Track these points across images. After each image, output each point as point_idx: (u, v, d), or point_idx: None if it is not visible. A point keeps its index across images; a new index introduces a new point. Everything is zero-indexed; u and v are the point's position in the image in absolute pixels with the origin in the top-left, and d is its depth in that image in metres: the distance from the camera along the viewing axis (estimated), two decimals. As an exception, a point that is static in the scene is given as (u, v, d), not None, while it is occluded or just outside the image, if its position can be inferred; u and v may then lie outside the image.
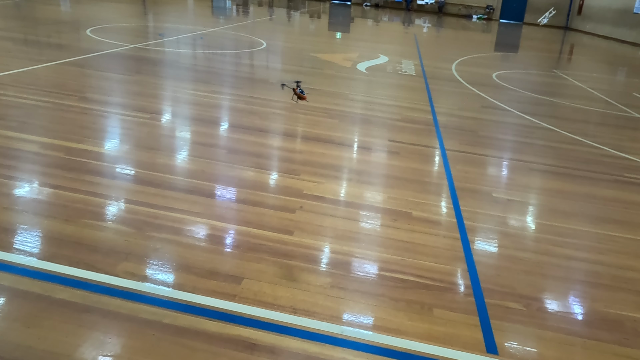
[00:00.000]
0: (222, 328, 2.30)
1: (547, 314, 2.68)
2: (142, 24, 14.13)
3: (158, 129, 5.14)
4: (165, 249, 2.91)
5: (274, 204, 3.64)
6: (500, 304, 2.72)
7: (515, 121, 6.84)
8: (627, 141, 6.30)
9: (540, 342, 2.46)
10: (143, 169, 4.04)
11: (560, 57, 16.78)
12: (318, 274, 2.81)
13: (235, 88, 7.28)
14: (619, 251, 3.44)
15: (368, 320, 2.47)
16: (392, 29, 21.56)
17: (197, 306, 2.44)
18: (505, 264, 3.18)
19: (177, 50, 10.10)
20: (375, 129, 5.93)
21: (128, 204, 3.41)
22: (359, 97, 7.45)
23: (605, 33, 25.78)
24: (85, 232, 2.99)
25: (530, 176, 4.79)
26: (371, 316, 2.50)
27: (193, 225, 3.21)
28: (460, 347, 2.34)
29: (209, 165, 4.27)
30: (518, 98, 8.50)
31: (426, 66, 11.03)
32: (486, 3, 33.28)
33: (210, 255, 2.89)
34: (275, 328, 2.34)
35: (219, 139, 5.04)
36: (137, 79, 7.20)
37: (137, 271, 2.66)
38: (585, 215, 3.99)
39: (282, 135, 5.36)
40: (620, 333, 2.58)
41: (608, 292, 2.95)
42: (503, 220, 3.77)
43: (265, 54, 10.90)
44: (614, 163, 5.35)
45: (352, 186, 4.16)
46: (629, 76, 13.04)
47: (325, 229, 3.34)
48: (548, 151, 5.61)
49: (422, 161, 4.92)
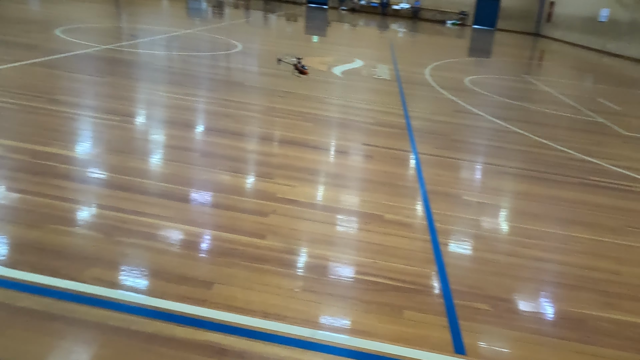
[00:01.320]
0: (192, 334, 2.27)
1: (514, 314, 2.75)
2: (114, 24, 13.86)
3: (129, 131, 5.05)
4: (135, 254, 2.85)
5: (247, 207, 3.62)
6: (469, 305, 2.77)
7: (486, 125, 6.99)
8: (592, 145, 6.52)
9: (506, 342, 2.52)
10: (113, 172, 3.96)
11: (530, 62, 17.25)
12: (290, 278, 2.81)
13: (209, 90, 7.22)
14: (583, 252, 3.56)
15: (339, 323, 2.48)
16: (368, 33, 21.77)
17: (167, 312, 2.40)
18: (475, 265, 3.24)
19: (150, 51, 9.95)
20: (350, 132, 5.98)
21: (96, 209, 3.34)
22: (334, 101, 7.49)
23: (574, 40, 26.66)
24: (51, 238, 2.91)
25: (500, 179, 4.90)
26: (342, 319, 2.52)
27: (164, 229, 3.17)
28: (429, 348, 2.38)
29: (181, 168, 4.22)
30: (490, 103, 8.70)
31: (400, 71, 11.17)
32: (460, 9, 33.97)
33: (180, 260, 2.85)
34: (246, 333, 2.32)
35: (192, 142, 4.99)
36: (109, 81, 7.06)
37: (105, 277, 2.60)
38: (552, 217, 4.11)
39: (256, 139, 5.34)
40: (583, 331, 2.67)
41: (572, 291, 3.05)
42: (473, 223, 3.84)
43: (240, 57, 10.84)
44: (580, 166, 5.53)
45: (325, 189, 4.18)
46: (595, 82, 13.51)
47: (298, 232, 3.35)
48: (518, 155, 5.76)
49: (396, 165, 4.98)
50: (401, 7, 34.77)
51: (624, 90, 12.22)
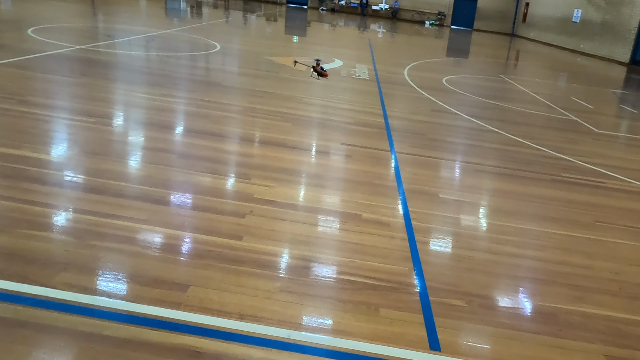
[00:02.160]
0: (166, 337, 2.25)
1: (488, 310, 2.79)
2: (89, 24, 13.60)
3: (104, 133, 4.96)
4: (108, 258, 2.81)
5: (224, 209, 3.59)
6: (444, 301, 2.81)
7: (463, 124, 7.09)
8: (565, 143, 6.67)
9: (480, 337, 2.56)
10: (86, 175, 3.89)
11: (506, 62, 17.57)
12: (267, 279, 2.80)
13: (187, 91, 7.14)
14: (555, 247, 3.64)
15: (315, 323, 2.49)
16: (348, 33, 21.85)
17: (141, 316, 2.37)
18: (450, 262, 3.29)
19: (127, 52, 9.79)
20: (329, 132, 5.99)
21: (68, 212, 3.27)
22: (313, 101, 7.50)
23: (548, 40, 27.25)
24: (20, 243, 2.84)
25: (476, 177, 4.98)
26: (319, 319, 2.52)
27: (138, 232, 3.12)
28: (404, 346, 2.40)
29: (157, 170, 4.16)
30: (466, 102, 8.82)
31: (379, 70, 11.25)
32: (438, 10, 34.37)
33: (155, 263, 2.81)
34: (222, 335, 2.31)
35: (168, 144, 4.92)
36: (83, 82, 6.92)
37: (76, 282, 2.55)
38: (526, 213, 4.19)
39: (234, 139, 5.30)
40: (555, 325, 2.73)
41: (545, 286, 3.12)
42: (449, 220, 3.89)
43: (219, 57, 10.76)
44: (553, 164, 5.66)
45: (304, 190, 4.18)
46: (569, 81, 13.83)
47: (276, 233, 3.34)
48: (493, 153, 5.86)
49: (374, 164, 5.01)
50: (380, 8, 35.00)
51: (596, 89, 12.55)
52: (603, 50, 21.54)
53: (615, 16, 20.84)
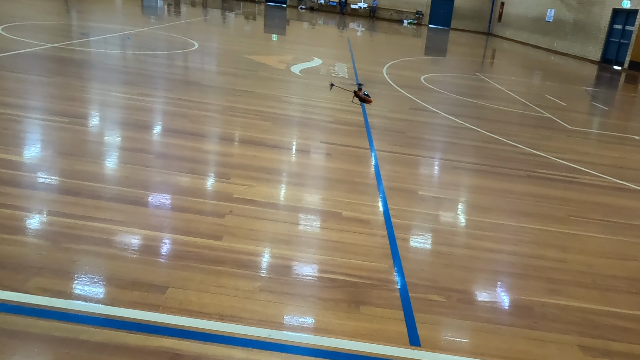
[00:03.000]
0: (144, 340, 2.21)
1: (466, 304, 2.84)
2: (63, 22, 13.27)
3: (78, 133, 4.85)
4: (84, 261, 2.75)
5: (203, 209, 3.56)
6: (424, 297, 2.84)
7: (441, 122, 7.18)
8: (540, 139, 6.82)
9: (459, 331, 2.60)
10: (60, 176, 3.80)
11: (483, 61, 17.86)
12: (247, 279, 2.78)
13: (165, 90, 7.04)
14: (530, 241, 3.72)
15: (296, 321, 2.49)
16: (327, 32, 21.86)
17: (118, 319, 2.33)
18: (429, 258, 3.33)
19: (103, 50, 9.59)
20: (308, 131, 5.99)
21: (42, 215, 3.19)
22: (292, 100, 7.48)
23: (523, 39, 27.80)
24: (-8, 247, 2.76)
25: (454, 174, 5.05)
26: (299, 317, 2.52)
27: (115, 234, 3.07)
28: (385, 342, 2.42)
29: (134, 171, 4.09)
30: (444, 100, 8.94)
31: (359, 69, 11.29)
32: (416, 9, 34.70)
33: (133, 266, 2.77)
34: (201, 336, 2.29)
35: (145, 144, 4.85)
36: (56, 81, 6.75)
37: (51, 286, 2.49)
38: (502, 209, 4.27)
39: (213, 139, 5.25)
40: (531, 318, 2.79)
41: (520, 280, 3.18)
42: (428, 217, 3.94)
43: (198, 56, 10.63)
44: (528, 160, 5.78)
45: (283, 188, 4.17)
46: (543, 79, 14.15)
47: (256, 232, 3.32)
48: (470, 150, 5.95)
49: (354, 162, 5.03)
50: (359, 7, 35.14)
51: (569, 87, 12.86)
52: (575, 49, 22.09)
53: (587, 16, 21.40)
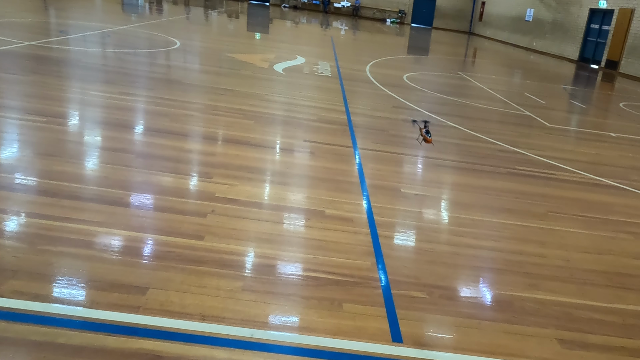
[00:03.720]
0: (124, 343, 2.18)
1: (448, 300, 2.87)
2: (41, 19, 12.99)
3: (56, 133, 4.75)
4: (61, 263, 2.70)
5: (184, 208, 3.52)
6: (406, 294, 2.86)
7: (423, 120, 7.23)
8: (519, 137, 6.93)
9: (440, 327, 2.63)
10: (37, 177, 3.72)
11: (464, 60, 18.07)
12: (229, 278, 2.77)
13: (146, 89, 6.95)
14: (510, 237, 3.78)
15: (279, 320, 2.48)
16: (310, 30, 21.85)
17: (96, 322, 2.29)
18: (412, 255, 3.36)
19: (82, 48, 9.41)
20: (291, 129, 5.97)
21: (18, 217, 3.12)
22: (275, 98, 7.46)
23: (503, 38, 28.20)
24: (-35, 250, 2.69)
25: (435, 172, 5.10)
26: (282, 316, 2.52)
27: (94, 236, 3.01)
28: (367, 339, 2.43)
29: (114, 171, 4.03)
30: (426, 98, 9.02)
31: (342, 68, 11.31)
32: (399, 8, 34.91)
33: (112, 267, 2.73)
34: (182, 337, 2.26)
35: (126, 143, 4.78)
36: (33, 80, 6.61)
37: (27, 289, 2.43)
38: (482, 206, 4.33)
39: (195, 138, 5.20)
40: (510, 312, 2.84)
41: (500, 275, 3.23)
42: (410, 214, 3.97)
43: (180, 54, 10.52)
44: (508, 157, 5.87)
45: (266, 187, 4.15)
46: (522, 78, 14.38)
47: (238, 232, 3.30)
48: (452, 148, 6.01)
49: (337, 160, 5.04)
50: (342, 5, 35.19)
51: (547, 85, 13.10)
52: (554, 48, 22.49)
53: (565, 15, 21.81)
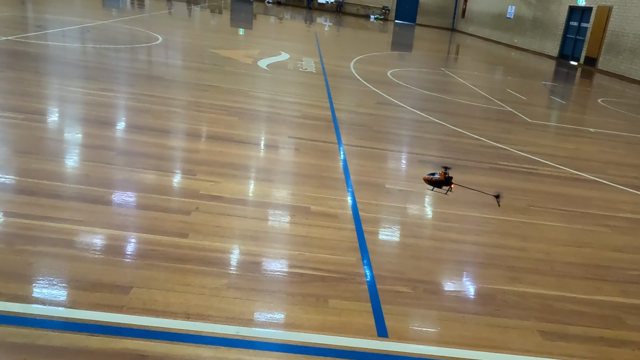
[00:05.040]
0: (107, 343, 2.15)
1: (432, 295, 2.90)
2: (17, 13, 12.65)
3: (34, 130, 4.64)
4: (41, 263, 2.64)
5: (167, 206, 3.48)
6: (391, 289, 2.88)
7: (407, 116, 7.28)
8: (501, 132, 7.03)
9: (425, 321, 2.65)
10: (15, 175, 3.63)
11: (447, 56, 18.21)
12: (214, 276, 2.75)
13: (127, 85, 6.83)
14: (492, 232, 3.84)
15: (264, 317, 2.48)
16: (294, 26, 21.75)
17: (78, 322, 2.25)
18: (396, 250, 3.38)
19: (60, 44, 9.21)
20: (275, 126, 5.95)
21: (-5, 216, 3.04)
22: (259, 94, 7.41)
23: (485, 35, 28.50)
24: (-60, 251, 2.61)
25: (419, 167, 5.13)
26: (268, 313, 2.51)
27: (75, 235, 2.96)
28: (353, 334, 2.44)
29: (95, 168, 3.96)
30: (410, 95, 9.07)
31: (326, 64, 11.30)
32: (382, 4, 34.98)
33: (94, 266, 2.68)
34: (167, 336, 2.24)
35: (106, 140, 4.69)
36: (9, 76, 6.44)
37: (5, 290, 2.38)
38: (465, 201, 4.38)
39: (178, 135, 5.14)
40: (493, 305, 2.88)
41: (483, 269, 3.28)
42: (395, 210, 4.00)
43: (162, 50, 10.37)
44: (490, 152, 5.94)
45: (250, 184, 4.13)
46: (504, 74, 14.56)
47: (222, 229, 3.28)
48: (435, 143, 6.06)
49: (321, 157, 5.03)
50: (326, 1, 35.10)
51: (528, 82, 13.29)
52: (534, 44, 22.83)
53: (545, 13, 22.13)
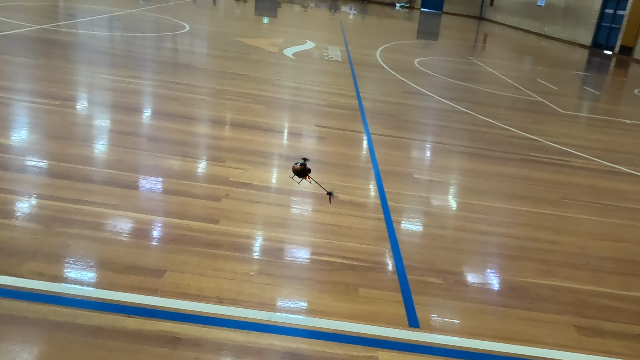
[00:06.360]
0: (142, 324, 2.20)
1: (463, 286, 2.86)
2: (50, 3, 12.92)
3: (69, 116, 4.75)
4: (78, 245, 2.71)
5: (198, 192, 3.52)
6: (421, 279, 2.86)
7: (434, 105, 7.16)
8: (532, 123, 6.85)
9: (457, 313, 2.62)
10: (51, 160, 3.73)
11: (475, 45, 17.80)
12: (245, 262, 2.77)
13: (155, 73, 6.92)
14: (524, 224, 3.75)
15: (294, 304, 2.49)
16: (319, 15, 21.59)
17: (115, 303, 2.31)
18: (426, 241, 3.34)
19: (91, 32, 9.37)
20: (302, 114, 5.93)
21: (34, 199, 3.13)
22: (285, 83, 7.40)
23: (514, 24, 27.70)
24: (-17, 232, 2.71)
25: (448, 157, 5.05)
26: (298, 300, 2.52)
27: (109, 218, 3.03)
28: (384, 324, 2.43)
29: (127, 154, 4.03)
30: (438, 83, 8.91)
31: (352, 52, 11.19)
32: (408, -8, 34.33)
33: (129, 250, 2.74)
34: (200, 320, 2.28)
35: (137, 127, 4.77)
36: (45, 63, 6.60)
37: (45, 270, 2.45)
38: (496, 192, 4.29)
39: (206, 122, 5.19)
40: (526, 299, 2.83)
41: (515, 262, 3.21)
42: (424, 200, 3.95)
43: (188, 38, 10.44)
44: (521, 143, 5.80)
45: (279, 172, 4.14)
46: (534, 64, 14.15)
47: (252, 216, 3.30)
48: (464, 134, 5.95)
49: (348, 146, 5.01)
50: (351, -11, 34.63)
51: (560, 71, 12.89)
52: (566, 33, 22.07)
53: (578, 0, 21.33)
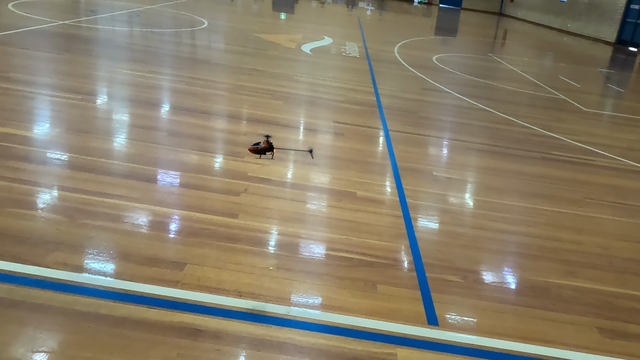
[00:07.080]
0: (164, 316, 2.23)
1: (482, 285, 2.83)
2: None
3: (91, 110, 4.83)
4: (101, 237, 2.76)
5: (218, 187, 3.55)
6: (440, 277, 2.84)
7: (453, 102, 7.08)
8: (553, 121, 6.72)
9: (476, 312, 2.60)
10: (74, 153, 3.79)
11: (494, 41, 17.52)
12: (263, 256, 2.79)
13: (175, 68, 6.98)
14: (545, 223, 3.69)
15: (313, 299, 2.49)
16: (336, 11, 21.51)
17: (137, 294, 2.34)
18: (445, 239, 3.31)
19: (111, 27, 9.50)
20: (320, 110, 5.93)
21: (58, 191, 3.20)
22: (303, 79, 7.40)
23: (535, 20, 27.19)
24: (10, 222, 2.78)
25: (467, 155, 5.00)
26: (316, 295, 2.53)
27: (131, 211, 3.07)
28: (402, 321, 2.42)
29: (148, 148, 4.08)
30: (456, 80, 8.80)
31: (369, 48, 11.13)
32: (427, -13, 33.93)
33: (150, 242, 2.78)
34: (220, 312, 2.30)
35: (157, 121, 4.83)
36: (67, 58, 6.71)
37: (70, 261, 2.51)
38: (516, 190, 4.23)
39: (225, 117, 5.22)
40: (547, 299, 2.78)
41: (536, 261, 3.17)
42: (442, 198, 3.91)
43: (207, 34, 10.51)
44: (541, 142, 5.70)
45: (297, 168, 4.15)
46: (556, 60, 13.88)
47: (271, 211, 3.32)
48: (483, 131, 5.87)
49: (366, 142, 4.99)
50: (368, -16, 34.39)
51: (582, 68, 12.62)
52: (589, 29, 21.58)
53: (603, -5, 20.82)
